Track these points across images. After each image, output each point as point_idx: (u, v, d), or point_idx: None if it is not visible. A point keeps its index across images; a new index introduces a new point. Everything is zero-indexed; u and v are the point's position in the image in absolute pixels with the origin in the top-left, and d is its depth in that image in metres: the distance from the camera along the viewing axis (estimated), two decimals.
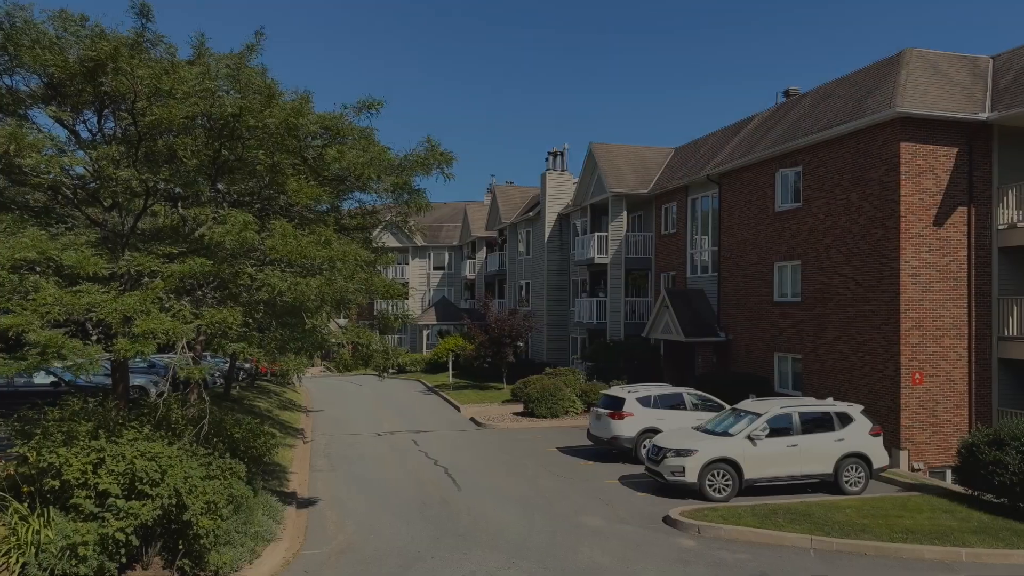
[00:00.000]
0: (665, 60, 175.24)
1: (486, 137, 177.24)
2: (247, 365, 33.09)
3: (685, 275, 30.12)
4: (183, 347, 11.01)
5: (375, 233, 16.73)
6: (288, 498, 15.18)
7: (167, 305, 10.79)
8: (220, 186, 13.79)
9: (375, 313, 15.21)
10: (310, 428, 25.92)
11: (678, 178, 30.66)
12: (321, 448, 22.08)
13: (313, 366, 27.87)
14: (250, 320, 11.83)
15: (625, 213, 33.59)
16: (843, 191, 21.19)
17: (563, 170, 41.11)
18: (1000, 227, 19.51)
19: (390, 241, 55.90)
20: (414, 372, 46.03)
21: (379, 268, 15.39)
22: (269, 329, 12.19)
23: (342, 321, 14.77)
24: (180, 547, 10.50)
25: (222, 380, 28.82)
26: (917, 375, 19.05)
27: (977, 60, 21.95)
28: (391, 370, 14.48)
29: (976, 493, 15.59)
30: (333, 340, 12.79)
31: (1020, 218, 19.27)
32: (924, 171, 19.29)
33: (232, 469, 11.39)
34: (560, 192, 40.62)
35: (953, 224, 19.42)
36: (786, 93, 29.47)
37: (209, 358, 26.52)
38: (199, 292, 12.02)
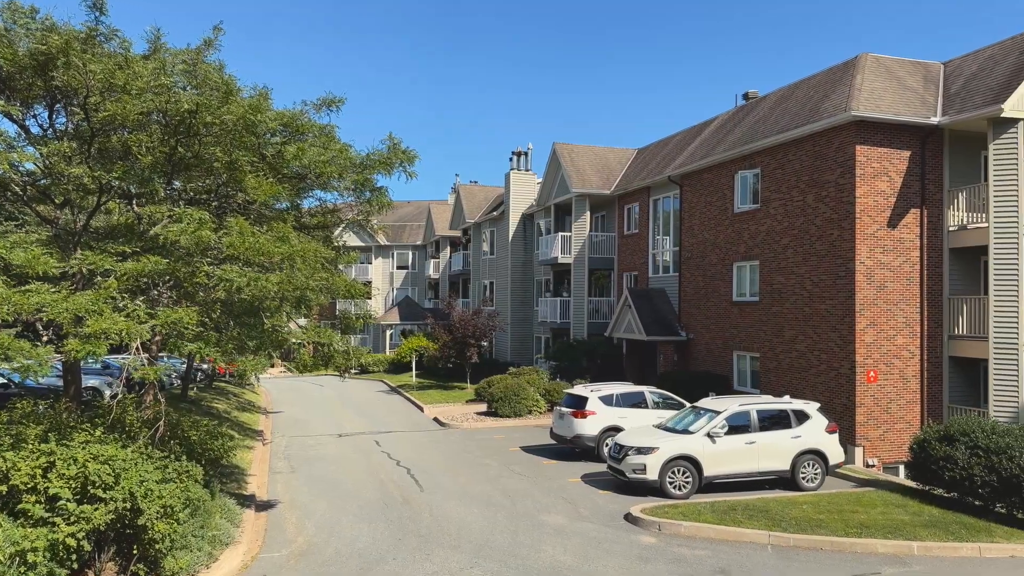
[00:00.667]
0: (628, 62, 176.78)
1: (450, 136, 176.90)
2: (205, 366, 32.54)
3: (647, 275, 30.40)
4: (137, 348, 10.79)
5: (337, 232, 16.57)
6: (247, 501, 14.96)
7: (121, 305, 10.57)
8: (176, 184, 13.56)
9: (337, 313, 15.06)
10: (270, 429, 25.59)
11: (640, 179, 30.94)
12: (281, 450, 21.80)
13: (273, 366, 27.49)
14: (207, 320, 11.64)
15: (588, 213, 33.79)
16: (800, 193, 21.59)
17: (527, 170, 41.21)
18: (951, 228, 20.05)
19: (352, 240, 55.45)
20: (377, 372, 45.69)
21: (341, 267, 15.23)
22: (227, 329, 12.00)
23: (302, 321, 14.59)
24: (135, 552, 10.28)
25: (179, 381, 28.30)
26: (872, 373, 19.49)
27: (929, 66, 22.54)
28: (353, 370, 14.36)
29: (928, 488, 16.00)
30: (293, 340, 12.64)
31: (970, 220, 19.83)
32: (878, 173, 19.75)
33: (189, 472, 11.20)
34: (524, 192, 40.71)
35: (906, 225, 19.91)
36: (745, 96, 29.93)
37: (166, 359, 26.03)
38: (154, 292, 11.79)
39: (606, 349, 30.85)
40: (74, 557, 9.50)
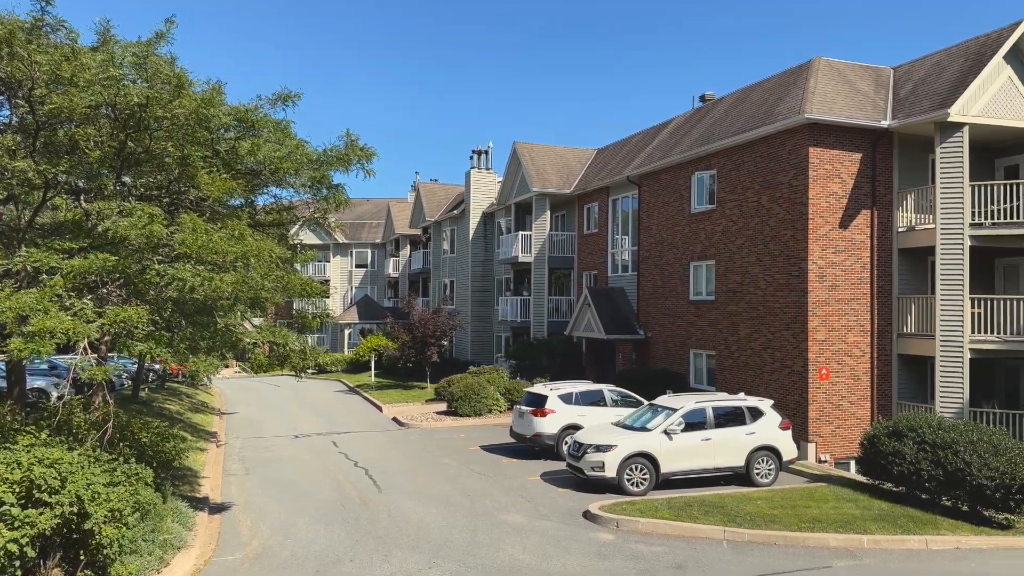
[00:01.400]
0: (587, 63, 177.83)
1: (410, 135, 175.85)
2: (157, 366, 31.81)
3: (607, 274, 30.62)
4: (85, 347, 10.50)
5: (294, 230, 16.33)
6: (200, 503, 14.66)
7: (67, 303, 10.27)
8: (126, 179, 13.21)
9: (293, 312, 14.83)
10: (224, 431, 25.13)
11: (600, 179, 31.14)
12: (235, 451, 21.42)
13: (227, 367, 26.92)
14: (158, 319, 11.37)
15: (548, 212, 33.90)
16: (755, 194, 21.95)
17: (487, 169, 41.18)
18: (900, 229, 20.59)
19: (310, 238, 54.78)
20: (335, 372, 45.21)
21: (297, 266, 14.99)
22: (179, 328, 11.73)
23: (257, 320, 14.34)
24: (82, 558, 9.98)
25: (130, 382, 27.62)
26: (824, 370, 19.91)
27: (880, 70, 23.11)
28: (310, 370, 14.21)
29: (877, 482, 16.40)
30: (248, 340, 12.41)
31: (918, 221, 20.39)
32: (831, 175, 20.18)
33: (139, 475, 10.91)
34: (484, 190, 40.67)
35: (857, 226, 20.39)
36: (702, 98, 30.34)
37: (116, 359, 25.39)
38: (103, 290, 11.48)
39: (566, 348, 30.98)
40: (17, 564, 9.18)
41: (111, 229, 10.59)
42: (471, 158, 41.18)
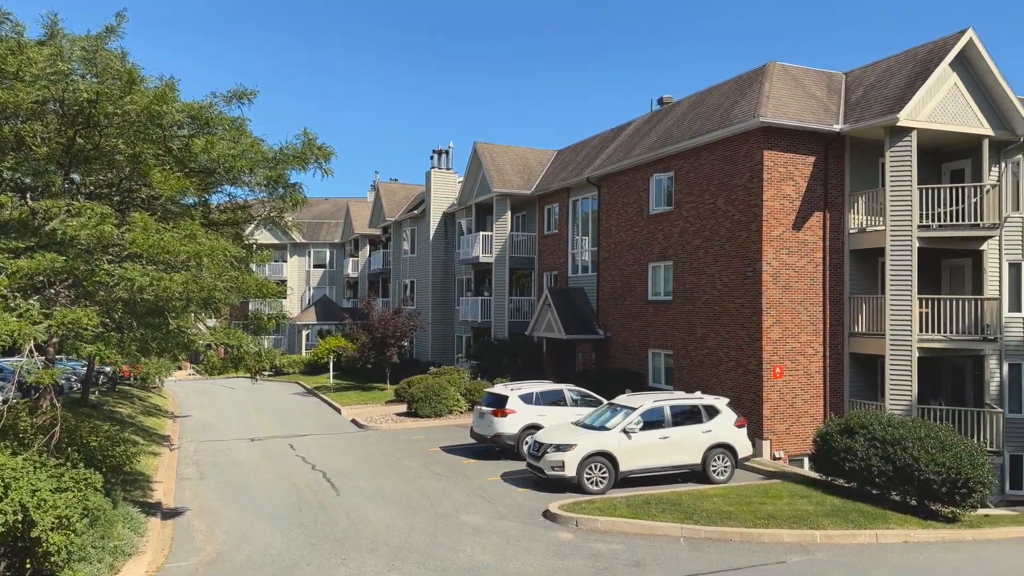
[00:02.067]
0: (546, 65, 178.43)
1: (370, 134, 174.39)
2: (107, 369, 31.01)
3: (567, 274, 30.76)
4: (31, 350, 10.18)
5: (249, 229, 16.05)
6: (152, 509, 14.33)
7: (13, 304, 9.94)
8: (75, 176, 12.86)
9: (249, 313, 14.59)
10: (177, 434, 24.61)
11: (560, 179, 31.29)
12: (189, 455, 21.00)
13: (180, 369, 26.39)
14: (108, 320, 11.08)
15: (509, 213, 33.94)
16: (711, 196, 22.28)
17: (448, 169, 41.06)
18: (851, 231, 21.09)
19: (266, 237, 53.97)
20: (292, 374, 44.59)
21: (253, 266, 14.74)
22: (129, 330, 11.45)
23: (211, 321, 14.06)
24: (28, 566, 9.67)
25: (79, 385, 26.87)
26: (778, 369, 20.29)
27: (832, 75, 23.64)
28: (266, 372, 13.97)
29: (830, 479, 16.76)
30: (201, 341, 12.17)
31: (869, 223, 20.90)
32: (785, 178, 20.57)
33: (88, 480, 10.62)
34: (445, 191, 40.54)
35: (810, 228, 20.82)
36: (660, 101, 30.70)
37: (64, 361, 24.70)
38: (50, 290, 11.14)
39: (527, 348, 31.05)
40: None
41: (60, 229, 10.30)
42: (431, 158, 41.05)
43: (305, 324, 51.70)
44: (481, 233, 34.15)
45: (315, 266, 60.35)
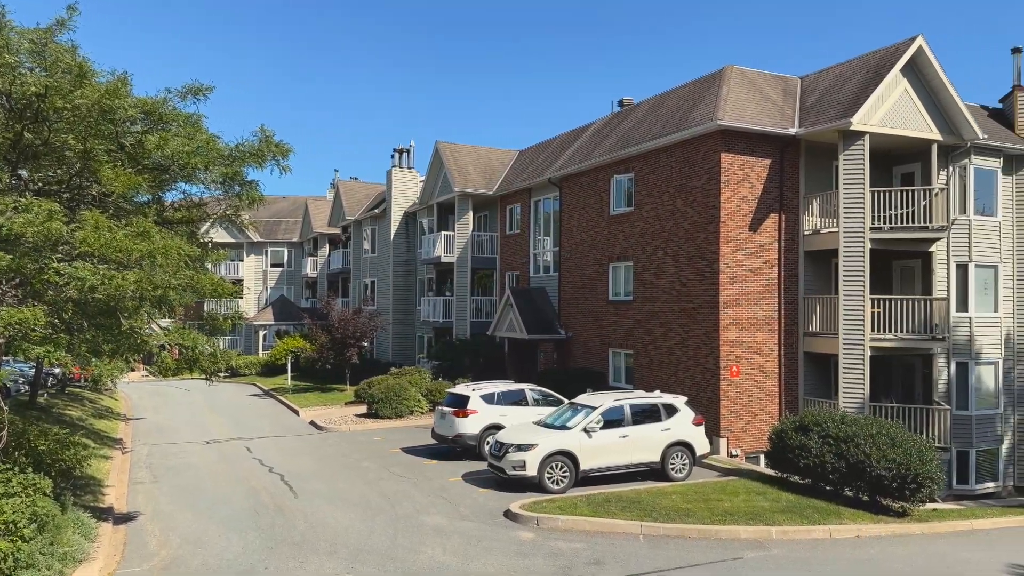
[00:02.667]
0: (507, 66, 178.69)
1: (329, 133, 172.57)
2: (57, 370, 30.15)
3: (529, 274, 30.84)
4: None
5: (204, 227, 15.73)
6: (104, 514, 13.97)
7: None
8: (23, 172, 12.48)
9: (204, 313, 14.30)
10: (130, 437, 24.05)
11: (522, 180, 31.34)
12: (142, 458, 20.53)
13: (133, 371, 25.68)
14: (57, 321, 10.77)
15: (471, 213, 33.88)
16: (671, 197, 22.54)
17: (409, 168, 40.83)
18: (806, 232, 21.52)
19: (222, 236, 53.07)
20: (249, 375, 43.88)
21: (208, 265, 14.46)
22: (80, 331, 11.14)
23: (165, 322, 13.77)
24: None
25: (27, 387, 26.08)
26: (734, 368, 20.62)
27: (788, 80, 24.11)
28: (222, 373, 13.69)
29: (785, 475, 17.10)
30: (154, 342, 11.90)
31: (823, 225, 21.36)
32: (741, 180, 20.91)
33: (36, 485, 10.34)
34: (406, 190, 40.31)
35: (766, 229, 21.20)
36: (621, 103, 30.95)
37: (12, 363, 23.96)
38: None
39: (489, 348, 31.03)
40: None
41: (5, 226, 9.97)
42: (392, 157, 40.78)
43: (262, 324, 50.93)
44: (443, 233, 34.05)
45: (272, 265, 59.49)
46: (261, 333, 51.30)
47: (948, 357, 21.76)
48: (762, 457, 20.06)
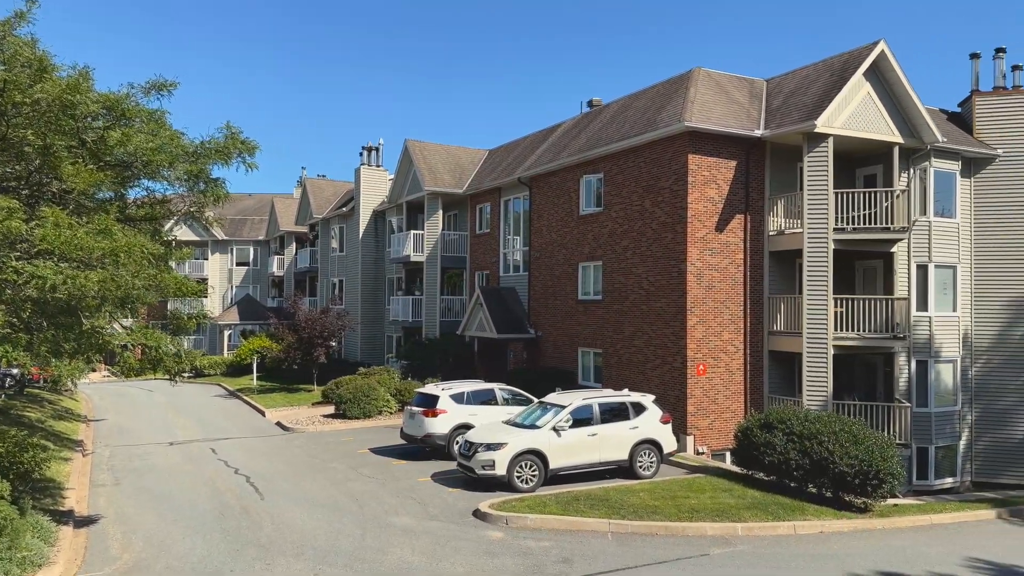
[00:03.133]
0: (478, 66, 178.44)
1: (296, 130, 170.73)
2: (15, 371, 29.40)
3: (498, 274, 30.84)
4: None
5: (168, 225, 15.46)
6: (64, 517, 13.67)
7: None
8: None
9: (168, 312, 14.06)
10: (91, 439, 23.56)
11: (492, 179, 31.33)
12: (104, 460, 20.13)
13: (95, 371, 25.17)
14: (15, 320, 10.50)
15: (441, 212, 33.78)
16: (639, 197, 22.71)
17: (378, 166, 40.54)
18: (771, 233, 21.84)
19: (187, 234, 52.19)
20: (214, 375, 43.22)
21: (172, 263, 14.21)
22: (40, 330, 10.88)
23: (128, 321, 13.50)
24: None
25: None
26: (701, 366, 20.84)
27: (754, 82, 24.43)
28: (186, 374, 13.46)
29: (751, 472, 17.33)
30: (116, 342, 11.66)
31: (787, 226, 21.69)
32: (708, 181, 21.14)
33: None
34: (375, 188, 40.03)
35: (732, 230, 21.46)
36: (590, 103, 31.10)
37: None
38: None
39: (458, 348, 30.97)
40: None
41: None
42: (361, 154, 40.45)
43: (227, 324, 50.22)
44: (412, 232, 33.90)
45: (238, 264, 58.69)
46: (226, 333, 50.60)
47: (909, 355, 22.24)
48: (728, 454, 20.30)
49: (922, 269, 22.65)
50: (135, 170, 12.29)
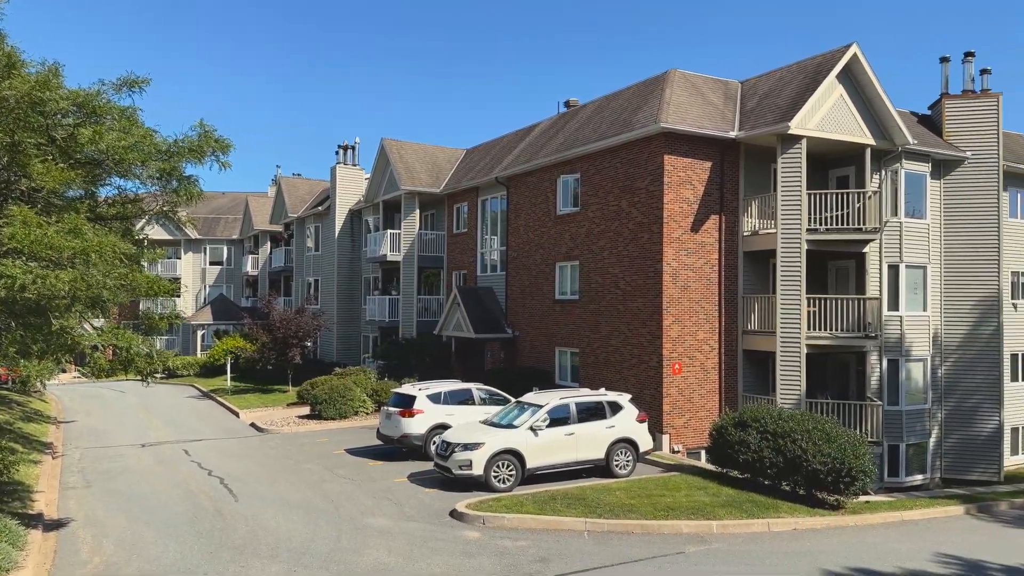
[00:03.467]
0: (452, 66, 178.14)
1: (271, 128, 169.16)
2: None
3: (476, 273, 30.80)
4: None
5: (140, 224, 15.24)
6: (33, 520, 13.42)
7: None
8: None
9: (140, 312, 13.85)
10: (61, 441, 23.15)
11: (469, 179, 31.29)
12: (75, 463, 19.80)
13: (64, 372, 24.76)
14: None
15: (418, 211, 33.66)
16: (615, 198, 22.81)
17: (354, 165, 40.29)
18: (745, 233, 22.05)
19: (159, 233, 51.56)
20: (187, 376, 42.71)
21: (144, 263, 14.00)
22: (7, 331, 10.68)
23: (99, 321, 13.28)
24: None
25: None
26: (676, 366, 20.99)
27: (728, 84, 24.65)
28: (158, 375, 13.27)
29: (725, 470, 17.48)
30: (87, 343, 11.47)
31: (761, 226, 21.91)
32: (684, 182, 21.30)
33: None
34: (351, 187, 39.79)
35: (707, 230, 21.64)
36: (567, 104, 31.20)
37: None
38: None
39: (436, 347, 30.89)
40: None
41: None
42: (337, 153, 40.17)
43: (201, 324, 49.64)
44: (389, 231, 33.74)
45: (211, 263, 58.03)
46: (200, 333, 50.01)
47: (880, 354, 22.57)
48: (703, 453, 20.46)
49: (893, 269, 23.00)
50: (106, 168, 12.10)
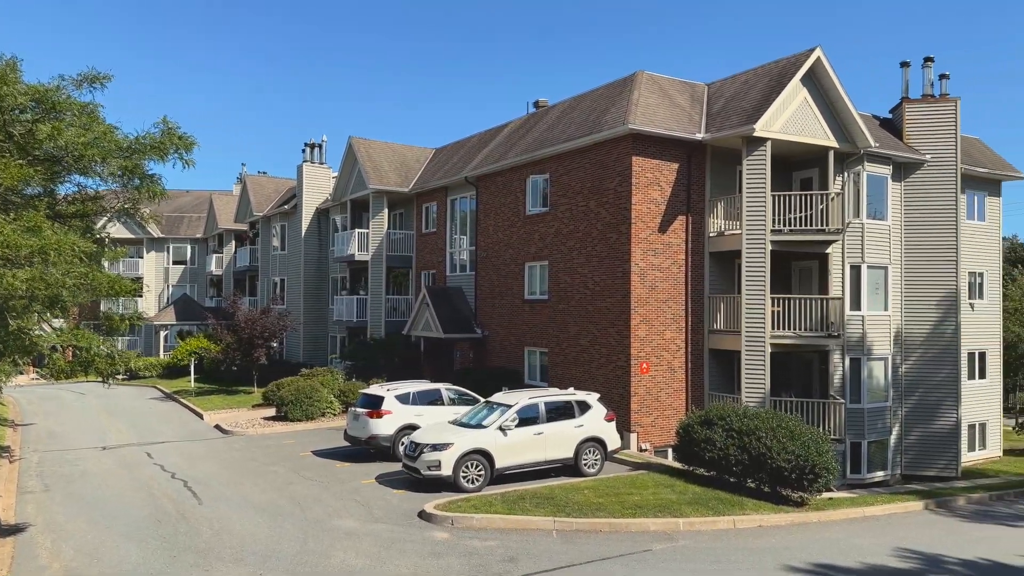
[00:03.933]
0: (420, 66, 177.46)
1: (236, 126, 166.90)
2: None
3: (445, 273, 30.70)
4: None
5: (101, 222, 14.93)
6: None
7: None
8: None
9: (100, 312, 13.57)
10: (18, 444, 22.59)
11: (438, 178, 31.17)
12: (33, 467, 19.33)
13: (22, 374, 24.14)
14: None
15: (386, 210, 33.43)
16: (584, 198, 22.91)
17: (321, 163, 39.92)
18: (711, 234, 22.30)
19: (120, 231, 50.56)
20: (149, 378, 41.94)
21: (105, 262, 13.72)
22: None
23: (58, 322, 12.98)
24: None
25: None
26: (644, 365, 21.15)
27: (695, 86, 24.90)
28: (120, 376, 13.02)
29: (692, 468, 17.66)
30: (45, 344, 11.20)
31: (727, 227, 22.17)
32: (651, 183, 21.46)
33: None
34: (318, 185, 39.41)
35: (674, 231, 21.83)
36: (536, 104, 31.23)
37: None
38: None
39: (404, 348, 30.73)
40: None
41: None
42: (303, 151, 39.76)
43: (163, 324, 48.79)
44: (357, 231, 33.47)
45: (175, 262, 57.03)
46: (162, 333, 49.15)
47: (843, 353, 22.97)
48: (670, 451, 20.65)
49: (855, 269, 23.43)
50: (66, 165, 11.83)
